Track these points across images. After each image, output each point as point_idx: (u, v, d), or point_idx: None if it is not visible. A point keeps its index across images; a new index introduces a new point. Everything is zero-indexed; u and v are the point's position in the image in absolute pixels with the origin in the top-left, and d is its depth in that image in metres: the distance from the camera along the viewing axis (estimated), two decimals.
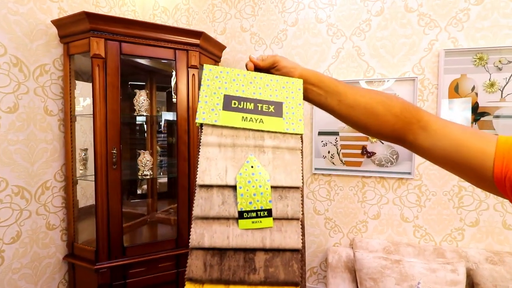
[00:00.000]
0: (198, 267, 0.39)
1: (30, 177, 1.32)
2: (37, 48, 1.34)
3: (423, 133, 0.48)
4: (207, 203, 0.41)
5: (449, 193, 1.53)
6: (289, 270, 0.41)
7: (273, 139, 0.47)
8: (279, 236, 0.42)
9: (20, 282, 1.28)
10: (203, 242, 0.40)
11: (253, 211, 0.42)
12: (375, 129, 0.52)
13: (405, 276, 1.27)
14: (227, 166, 0.43)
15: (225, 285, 0.39)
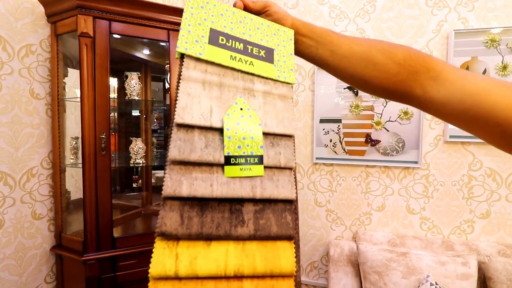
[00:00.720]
0: (173, 220, 0.31)
1: (14, 162, 1.24)
2: (22, 27, 1.27)
3: (434, 84, 0.40)
4: (186, 145, 0.33)
5: (458, 183, 1.45)
6: (282, 222, 0.34)
7: (264, 84, 0.40)
8: (270, 185, 0.35)
9: (2, 273, 1.21)
10: (181, 191, 0.31)
11: (242, 156, 0.35)
12: (374, 82, 0.44)
13: (412, 269, 1.19)
14: (212, 106, 0.36)
15: (205, 241, 0.32)
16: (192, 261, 0.30)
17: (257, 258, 0.33)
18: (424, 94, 0.41)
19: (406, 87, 0.42)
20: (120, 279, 1.33)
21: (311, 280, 1.67)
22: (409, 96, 0.43)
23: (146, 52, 1.80)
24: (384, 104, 1.50)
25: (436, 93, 0.40)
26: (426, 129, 1.47)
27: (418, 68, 0.41)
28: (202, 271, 0.30)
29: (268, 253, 0.33)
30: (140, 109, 1.83)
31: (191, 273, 0.30)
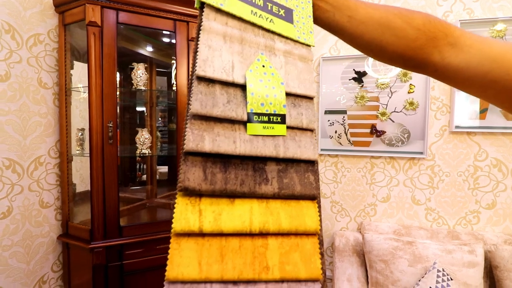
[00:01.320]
0: (196, 175, 0.30)
1: (22, 150, 1.25)
2: (31, 16, 1.28)
3: (452, 50, 0.40)
4: (208, 99, 0.32)
5: (463, 173, 1.45)
6: (305, 182, 0.34)
7: (284, 43, 0.40)
8: (293, 144, 0.35)
9: (10, 261, 1.22)
10: (203, 146, 0.30)
11: (265, 114, 0.34)
12: (391, 49, 0.43)
13: (418, 257, 1.19)
14: (233, 61, 0.35)
15: (229, 199, 0.31)
16: (216, 217, 0.30)
17: (282, 215, 0.32)
18: (442, 60, 0.41)
19: (423, 53, 0.42)
20: (126, 268, 1.34)
21: None
22: (426, 63, 0.42)
23: (149, 49, 1.81)
24: (389, 95, 1.50)
25: (454, 59, 0.40)
26: (432, 119, 1.47)
27: (436, 33, 0.41)
28: (227, 227, 0.30)
29: (292, 211, 0.33)
30: (145, 101, 1.84)
31: (215, 229, 0.29)
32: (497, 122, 1.38)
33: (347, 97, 1.57)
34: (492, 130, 1.39)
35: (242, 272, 0.29)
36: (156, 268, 1.40)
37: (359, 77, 1.54)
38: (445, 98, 1.45)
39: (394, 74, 1.50)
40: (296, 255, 0.31)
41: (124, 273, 1.34)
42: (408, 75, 1.47)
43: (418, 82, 1.46)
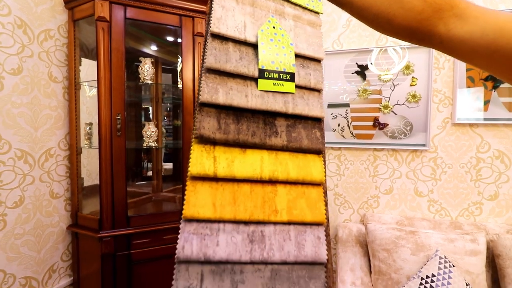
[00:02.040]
0: (211, 124, 0.33)
1: (34, 142, 1.29)
2: (42, 12, 1.32)
3: (458, 21, 0.42)
4: (222, 54, 0.34)
5: (466, 165, 1.46)
6: (312, 137, 0.37)
7: (294, 9, 0.42)
8: (302, 102, 0.37)
9: (22, 249, 1.25)
10: (217, 98, 0.33)
11: (275, 71, 0.36)
12: (398, 21, 0.45)
13: (421, 246, 1.21)
14: (245, 21, 0.37)
15: (241, 148, 0.34)
16: (229, 163, 0.33)
17: (290, 166, 0.35)
18: (448, 32, 0.42)
19: (429, 25, 0.43)
20: (134, 257, 1.37)
21: None
22: (432, 35, 0.44)
23: (154, 47, 1.85)
24: (392, 88, 1.52)
25: (459, 30, 0.41)
26: (434, 112, 1.48)
27: (442, 5, 0.42)
28: (240, 173, 0.33)
29: (300, 163, 0.36)
30: (151, 96, 1.87)
31: (228, 174, 0.32)
32: (499, 114, 1.39)
33: (350, 90, 1.59)
34: (494, 122, 1.40)
35: (253, 213, 0.32)
36: (163, 257, 1.43)
37: (362, 70, 1.56)
38: (447, 90, 1.47)
39: (397, 70, 1.51)
40: (302, 201, 0.34)
41: (132, 262, 1.37)
42: (411, 68, 1.49)
43: (421, 75, 1.48)
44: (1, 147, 1.17)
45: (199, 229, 0.31)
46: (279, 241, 0.32)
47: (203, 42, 1.49)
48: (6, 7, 1.18)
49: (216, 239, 0.31)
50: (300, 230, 0.33)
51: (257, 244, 0.31)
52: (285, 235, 0.33)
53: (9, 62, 1.19)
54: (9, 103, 1.19)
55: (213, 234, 0.31)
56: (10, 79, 1.19)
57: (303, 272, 0.32)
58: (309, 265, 0.33)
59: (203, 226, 0.32)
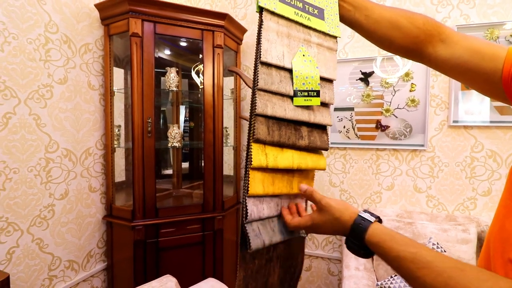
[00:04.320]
0: (263, 131, 0.49)
1: (76, 142, 1.48)
2: (82, 28, 1.51)
3: (443, 45, 0.55)
4: (268, 78, 0.50)
5: (461, 164, 1.60)
6: (323, 140, 0.55)
7: (317, 37, 0.56)
8: (318, 114, 0.55)
9: (67, 235, 1.44)
10: (267, 111, 0.49)
11: (305, 91, 0.52)
12: (398, 42, 0.58)
13: (417, 235, 1.35)
14: (284, 51, 0.51)
15: (280, 148, 0.52)
16: (275, 158, 0.50)
17: (308, 160, 0.53)
18: (435, 52, 0.56)
19: (422, 46, 0.56)
20: (161, 244, 1.55)
21: (326, 253, 1.85)
22: (422, 54, 0.57)
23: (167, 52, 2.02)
24: (393, 93, 1.67)
25: (444, 51, 0.55)
26: (432, 115, 1.63)
27: (432, 31, 0.56)
28: (281, 164, 0.51)
29: (313, 157, 0.54)
30: (172, 100, 2.05)
31: (274, 165, 0.50)
32: (492, 117, 1.53)
33: (354, 95, 1.74)
34: (487, 124, 1.54)
35: (281, 190, 0.52)
36: (186, 245, 1.61)
37: (365, 77, 1.71)
38: (443, 95, 1.61)
39: (400, 74, 1.66)
40: (305, 181, 0.55)
41: (160, 249, 1.55)
42: (410, 75, 1.64)
43: (419, 82, 1.62)
44: (51, 147, 1.36)
45: (254, 201, 0.50)
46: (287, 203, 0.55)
47: (221, 53, 1.66)
48: (55, 25, 1.37)
49: (263, 207, 0.50)
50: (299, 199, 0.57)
51: (280, 206, 0.53)
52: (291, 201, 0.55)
53: (57, 73, 1.38)
54: (57, 109, 1.38)
55: (261, 203, 0.50)
56: (58, 88, 1.38)
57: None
58: None
59: (256, 200, 0.50)
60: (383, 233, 0.45)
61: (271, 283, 0.55)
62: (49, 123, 1.35)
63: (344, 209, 0.49)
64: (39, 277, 1.32)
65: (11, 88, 1.19)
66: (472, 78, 0.54)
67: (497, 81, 0.47)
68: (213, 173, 1.67)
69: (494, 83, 0.47)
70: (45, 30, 1.32)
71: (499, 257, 0.41)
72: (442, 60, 0.56)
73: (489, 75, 0.48)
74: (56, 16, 1.37)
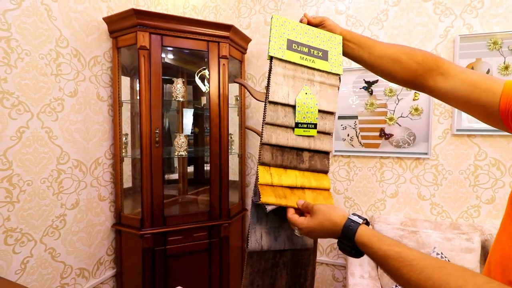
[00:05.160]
0: (267, 156, 0.57)
1: (86, 153, 1.52)
2: (91, 41, 1.55)
3: (442, 78, 0.59)
4: (274, 114, 0.58)
5: (465, 172, 1.61)
6: (323, 163, 0.60)
7: (321, 76, 0.63)
8: (319, 142, 0.60)
9: (77, 244, 1.48)
10: (271, 140, 0.57)
11: (305, 123, 0.59)
12: (400, 76, 0.63)
13: (421, 244, 1.37)
14: (289, 91, 0.59)
15: (284, 169, 0.57)
16: (279, 177, 0.56)
17: (312, 179, 0.58)
18: (435, 84, 0.60)
19: (421, 79, 0.61)
20: (169, 252, 1.59)
21: (331, 260, 1.88)
22: (423, 86, 0.61)
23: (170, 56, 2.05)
24: (396, 102, 1.69)
25: (443, 84, 0.59)
26: (435, 123, 1.64)
27: (431, 66, 0.60)
28: (285, 182, 0.56)
29: (317, 178, 0.59)
30: (178, 109, 2.09)
31: (279, 183, 0.56)
32: None
33: (358, 104, 1.76)
34: (491, 133, 1.55)
35: (294, 204, 0.56)
36: (193, 252, 1.64)
37: (368, 86, 1.73)
38: (447, 104, 1.62)
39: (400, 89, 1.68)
40: (321, 197, 0.59)
41: (167, 256, 1.58)
42: None
43: None
44: (62, 158, 1.40)
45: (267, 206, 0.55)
46: None
47: (227, 64, 1.69)
48: (65, 40, 1.41)
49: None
50: None
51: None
52: None
53: (68, 87, 1.42)
54: (68, 121, 1.42)
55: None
56: (69, 101, 1.42)
57: None
58: None
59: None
60: (371, 235, 0.49)
61: (278, 287, 0.60)
62: (60, 135, 1.39)
63: (334, 212, 0.52)
64: (52, 286, 1.36)
65: (24, 103, 1.23)
66: (471, 109, 0.57)
67: (495, 113, 0.50)
68: (219, 181, 1.70)
69: (493, 115, 0.50)
70: (56, 45, 1.36)
71: (500, 279, 0.44)
72: (442, 92, 0.59)
73: (487, 108, 0.51)
74: (66, 31, 1.41)
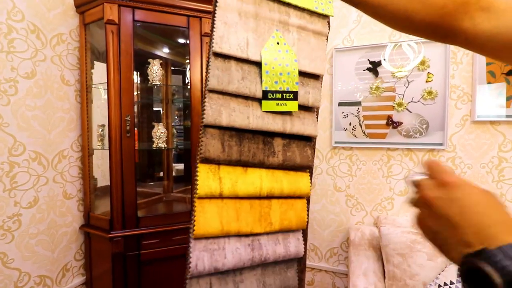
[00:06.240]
0: (215, 147, 0.35)
1: (47, 144, 1.32)
2: (54, 17, 1.35)
3: (485, 15, 0.37)
4: (224, 75, 0.35)
5: (487, 165, 1.38)
6: (304, 155, 0.37)
7: (299, 18, 0.40)
8: (298, 122, 0.38)
9: (37, 248, 1.29)
10: (221, 120, 0.34)
11: (279, 92, 0.36)
12: (419, 18, 0.40)
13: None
14: (248, 38, 0.36)
15: (243, 168, 0.35)
16: (233, 184, 0.34)
17: (284, 182, 0.36)
18: (474, 27, 0.38)
19: (452, 20, 0.39)
20: (143, 257, 1.38)
21: (331, 267, 1.65)
22: (456, 31, 0.39)
23: (165, 50, 1.86)
24: (406, 85, 1.46)
25: (487, 24, 0.37)
26: (452, 109, 1.41)
27: None
28: (242, 192, 0.34)
29: (291, 179, 0.37)
30: (162, 98, 1.89)
31: (232, 194, 0.34)
32: None
33: (361, 88, 1.54)
34: None
35: (253, 227, 0.35)
36: (172, 258, 1.43)
37: (374, 67, 1.51)
38: (466, 86, 1.39)
39: (412, 67, 1.45)
40: (291, 213, 0.37)
41: (141, 263, 1.38)
42: (426, 63, 1.43)
43: (437, 71, 1.41)
44: (16, 149, 1.20)
45: (208, 245, 0.34)
46: (272, 246, 0.36)
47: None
48: (20, 13, 1.21)
49: (223, 253, 0.35)
50: (285, 235, 0.38)
51: (256, 251, 0.35)
52: (275, 240, 0.37)
53: (23, 67, 1.22)
54: (23, 106, 1.22)
55: (220, 248, 0.35)
56: (24, 83, 1.23)
57: (282, 264, 0.37)
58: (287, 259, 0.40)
59: (211, 242, 0.34)
60: None
61: None
62: (13, 122, 1.19)
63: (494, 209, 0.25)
64: None
65: None
66: None
67: None
68: None
69: None
70: (8, 18, 1.17)
71: None
72: (486, 36, 0.37)
73: None
74: (21, 2, 1.21)
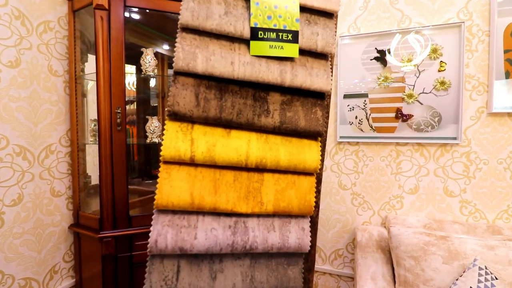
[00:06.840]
0: (187, 99, 0.27)
1: (33, 138, 1.24)
2: (41, 3, 1.27)
3: None
4: (202, 8, 0.26)
5: (505, 160, 1.28)
6: (312, 118, 0.28)
7: None
8: (303, 71, 0.28)
9: (22, 249, 1.21)
10: (195, 65, 0.26)
11: (273, 30, 0.28)
12: None
13: (454, 253, 1.05)
14: None
15: (224, 129, 0.27)
16: (210, 147, 0.26)
17: (281, 152, 0.27)
18: None
19: None
20: (136, 259, 1.30)
21: (336, 269, 1.56)
22: None
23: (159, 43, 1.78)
24: (416, 75, 1.36)
25: None
26: (467, 100, 1.31)
27: None
28: (221, 159, 0.26)
29: (293, 149, 0.28)
30: (157, 92, 1.80)
31: (208, 160, 0.26)
32: None
33: (368, 79, 1.44)
34: None
35: (235, 205, 0.28)
36: None
37: (381, 56, 1.41)
38: (481, 76, 1.29)
39: (419, 61, 1.35)
40: (291, 193, 0.28)
41: (134, 265, 1.30)
42: (438, 51, 1.33)
43: (450, 59, 1.31)
44: None
45: (174, 220, 0.29)
46: (263, 232, 0.29)
47: None
48: None
49: (194, 232, 0.28)
50: (285, 221, 0.30)
51: (239, 236, 0.29)
52: (269, 226, 0.29)
53: (6, 54, 1.14)
54: (6, 97, 1.14)
55: (191, 226, 0.28)
56: (7, 72, 1.15)
57: (282, 259, 0.31)
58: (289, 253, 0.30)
59: (180, 217, 0.29)
60: None
61: None
62: None
63: None
64: None
65: None
66: None
67: None
68: None
69: None
70: None
71: None
72: None
73: None
74: None
